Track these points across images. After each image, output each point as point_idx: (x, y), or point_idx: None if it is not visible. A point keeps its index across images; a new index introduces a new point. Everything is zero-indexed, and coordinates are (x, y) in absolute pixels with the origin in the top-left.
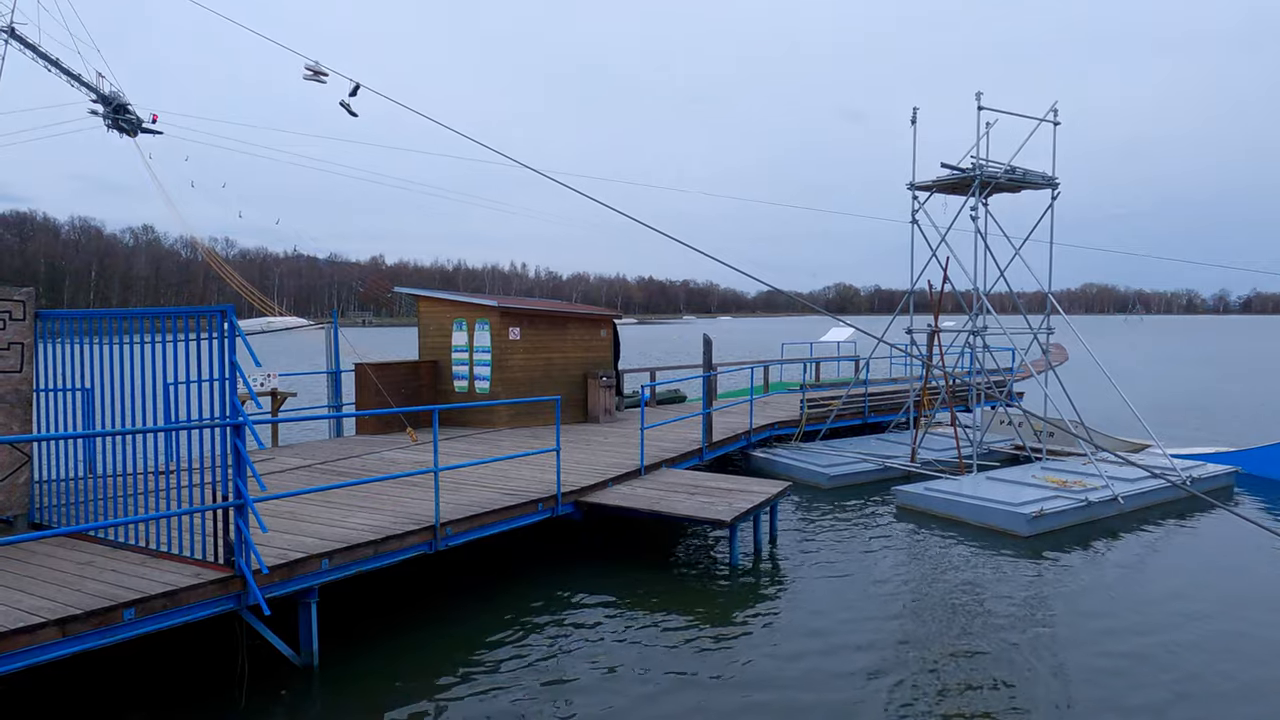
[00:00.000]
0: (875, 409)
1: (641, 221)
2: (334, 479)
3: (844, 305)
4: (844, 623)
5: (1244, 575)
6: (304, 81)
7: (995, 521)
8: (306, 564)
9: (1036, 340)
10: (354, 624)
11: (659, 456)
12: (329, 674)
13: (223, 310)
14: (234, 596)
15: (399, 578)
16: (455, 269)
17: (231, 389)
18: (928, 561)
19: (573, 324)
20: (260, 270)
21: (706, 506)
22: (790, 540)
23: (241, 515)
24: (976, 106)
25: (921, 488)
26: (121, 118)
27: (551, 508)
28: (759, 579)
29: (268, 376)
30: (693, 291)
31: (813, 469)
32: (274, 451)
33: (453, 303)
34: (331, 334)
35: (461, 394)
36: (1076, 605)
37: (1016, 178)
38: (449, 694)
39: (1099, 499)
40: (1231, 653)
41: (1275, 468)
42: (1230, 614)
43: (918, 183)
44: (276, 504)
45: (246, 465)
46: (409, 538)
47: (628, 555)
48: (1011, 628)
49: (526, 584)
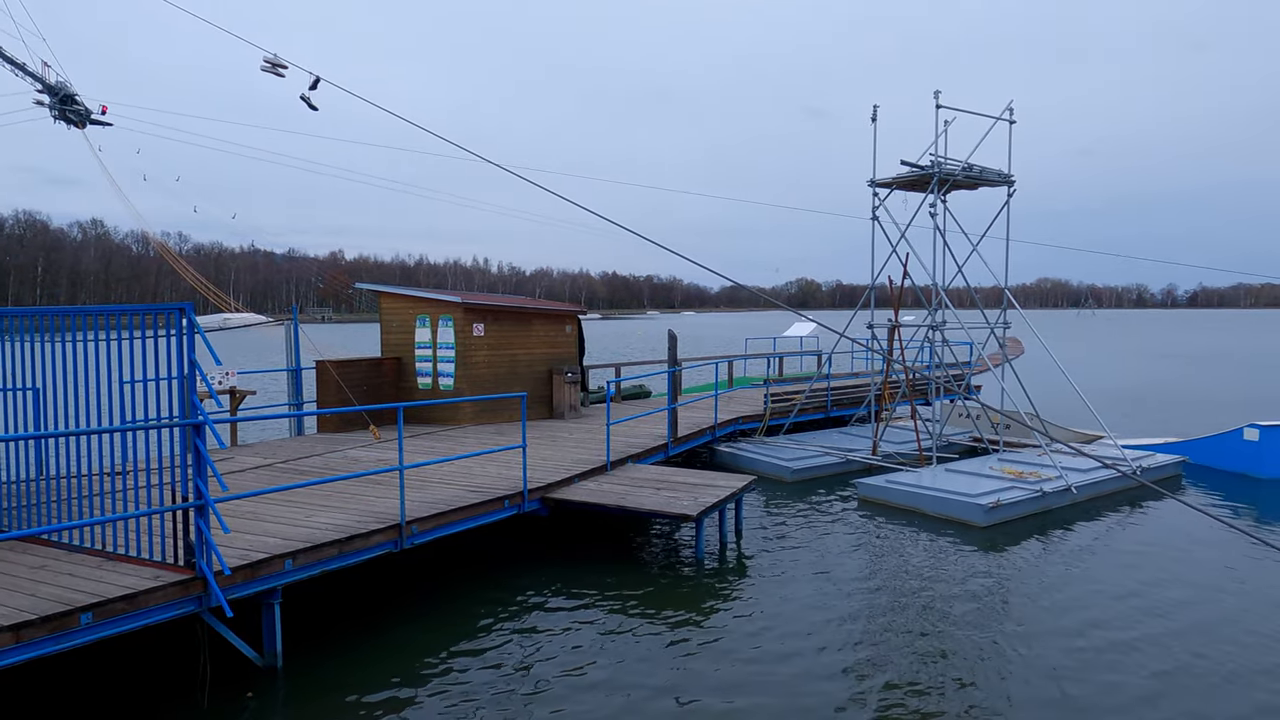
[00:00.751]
0: (838, 403)
1: (604, 216)
2: (296, 478)
3: (806, 300)
4: (808, 615)
5: (1189, 561)
6: (262, 74)
7: (954, 512)
8: (269, 564)
9: (993, 334)
10: (319, 624)
11: (625, 452)
12: (293, 675)
13: (181, 308)
14: (195, 598)
15: (365, 577)
16: (417, 264)
17: (191, 387)
18: (889, 552)
19: (537, 320)
20: (216, 265)
21: (673, 501)
22: (755, 533)
23: (202, 516)
24: (935, 105)
25: (883, 480)
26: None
27: (518, 504)
28: (725, 572)
29: (226, 374)
30: (657, 287)
31: (777, 463)
32: (234, 451)
33: (415, 299)
34: (291, 331)
35: (425, 391)
36: (1030, 592)
37: (974, 175)
38: (416, 694)
39: (1053, 489)
40: (1178, 635)
41: (1219, 457)
42: (1176, 598)
43: (878, 180)
44: (238, 504)
45: (207, 465)
46: (374, 536)
47: (594, 551)
48: (969, 615)
49: (493, 581)
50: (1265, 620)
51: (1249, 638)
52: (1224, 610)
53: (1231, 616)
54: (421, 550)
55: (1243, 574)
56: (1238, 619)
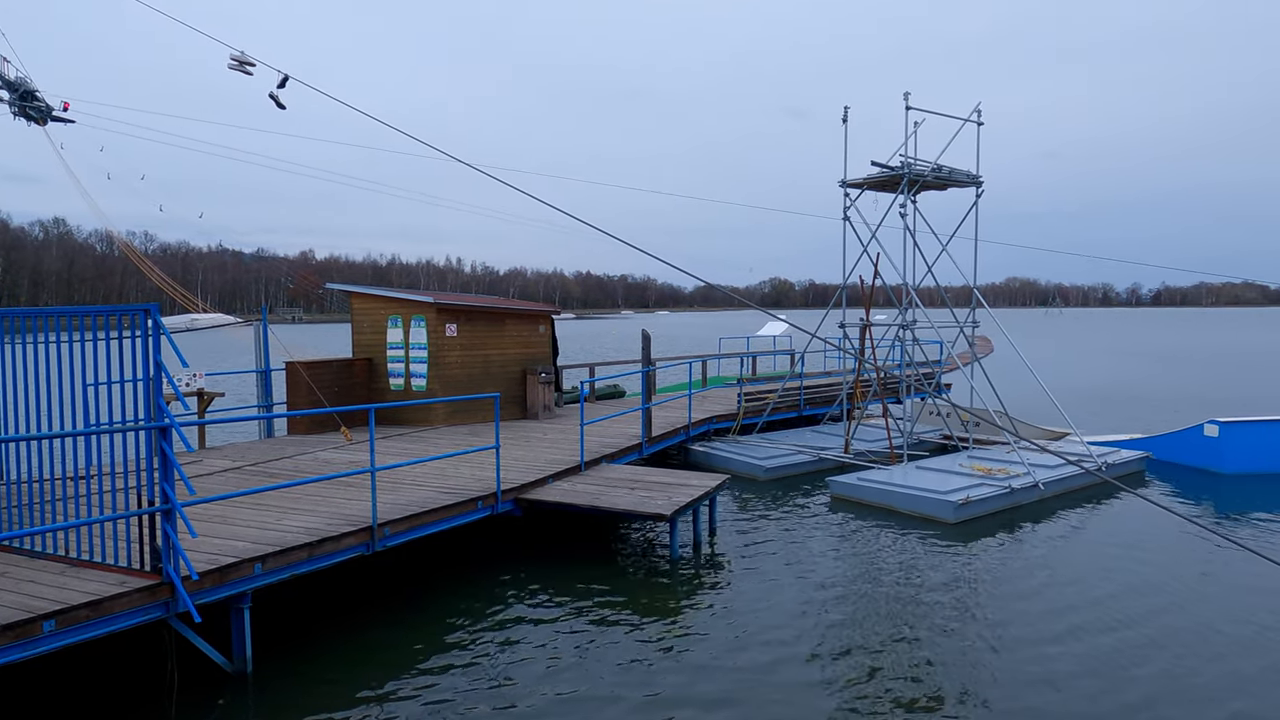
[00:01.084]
0: (810, 402)
1: (576, 217)
2: (266, 481)
3: (779, 299)
4: (783, 613)
5: (1151, 554)
6: (229, 71)
7: (924, 509)
8: (238, 569)
9: (963, 333)
10: (290, 629)
11: (599, 452)
12: (264, 681)
13: (146, 308)
14: (162, 604)
15: (336, 581)
16: (389, 264)
17: (156, 390)
18: (861, 549)
19: (511, 320)
20: (183, 265)
21: (647, 501)
22: (729, 532)
23: (169, 520)
24: (905, 106)
25: (855, 478)
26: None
27: (491, 505)
28: (699, 571)
29: (194, 376)
30: (631, 286)
31: (750, 462)
32: (202, 454)
33: (387, 299)
34: (260, 331)
35: (397, 392)
36: (998, 586)
37: (943, 176)
38: (389, 698)
39: (1021, 485)
40: (1136, 624)
41: (1181, 453)
42: (1138, 591)
43: (849, 180)
44: (206, 507)
45: (174, 468)
46: (346, 539)
47: (569, 551)
48: (941, 611)
49: (467, 583)
50: (1218, 608)
51: (1200, 625)
52: (1179, 600)
53: (1181, 604)
54: (394, 553)
55: (1200, 566)
56: (1191, 608)
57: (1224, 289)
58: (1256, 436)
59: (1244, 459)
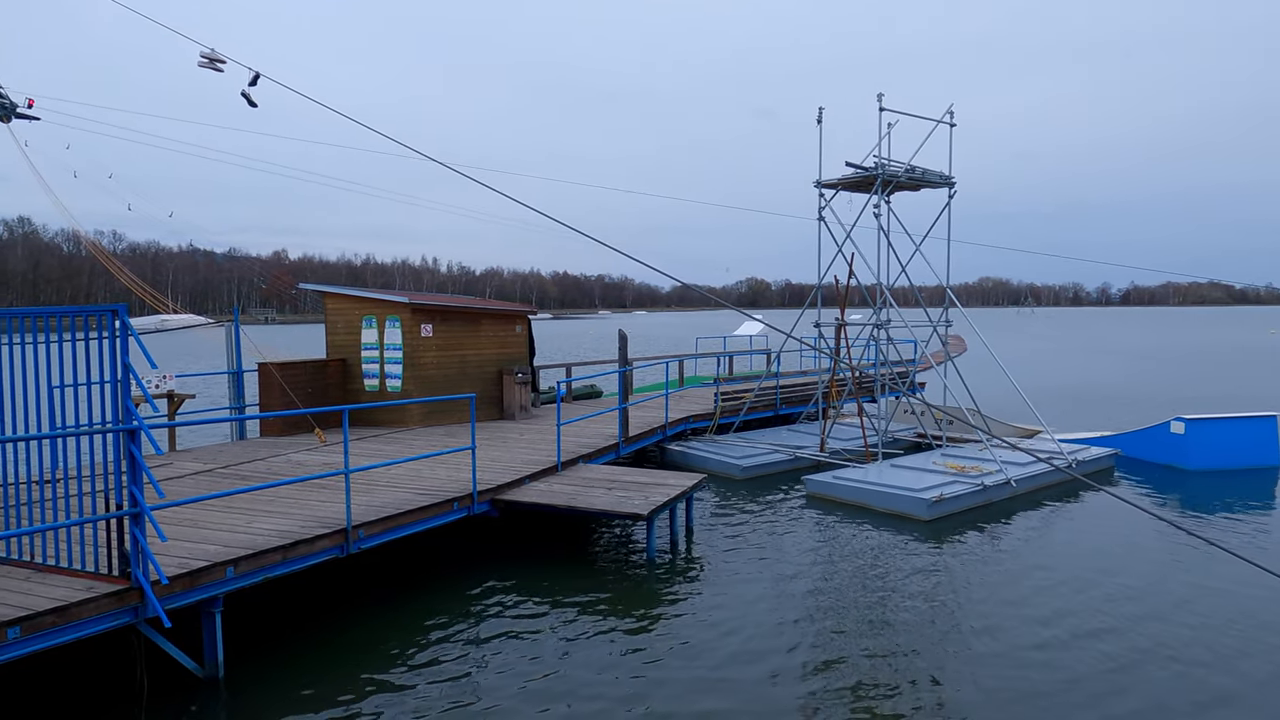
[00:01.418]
0: (786, 401)
1: (554, 218)
2: (238, 483)
3: (756, 299)
4: (761, 612)
5: (1119, 548)
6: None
7: (899, 507)
8: (210, 572)
9: (936, 332)
10: (263, 633)
11: (576, 452)
12: (236, 686)
13: (114, 309)
14: (131, 609)
15: (311, 584)
16: (364, 264)
17: (125, 391)
18: (838, 547)
19: (487, 320)
20: (153, 265)
21: (624, 501)
22: (706, 531)
23: (138, 524)
24: (878, 108)
25: (830, 476)
26: None
27: (468, 506)
28: (676, 571)
29: (164, 378)
30: (608, 286)
31: (727, 461)
32: (172, 456)
33: (362, 299)
34: (232, 332)
35: (372, 393)
36: (971, 582)
37: (916, 176)
38: (364, 702)
39: (994, 483)
40: (1108, 614)
41: (1149, 450)
42: (1107, 584)
43: (824, 180)
44: (177, 511)
45: (143, 471)
46: (319, 542)
47: (546, 552)
48: (917, 607)
49: (444, 585)
50: (1179, 600)
51: (1166, 615)
52: (1144, 593)
53: (1144, 593)
54: (369, 555)
55: (1164, 560)
56: (1153, 599)
57: (1190, 289)
58: (1221, 434)
59: (1208, 456)
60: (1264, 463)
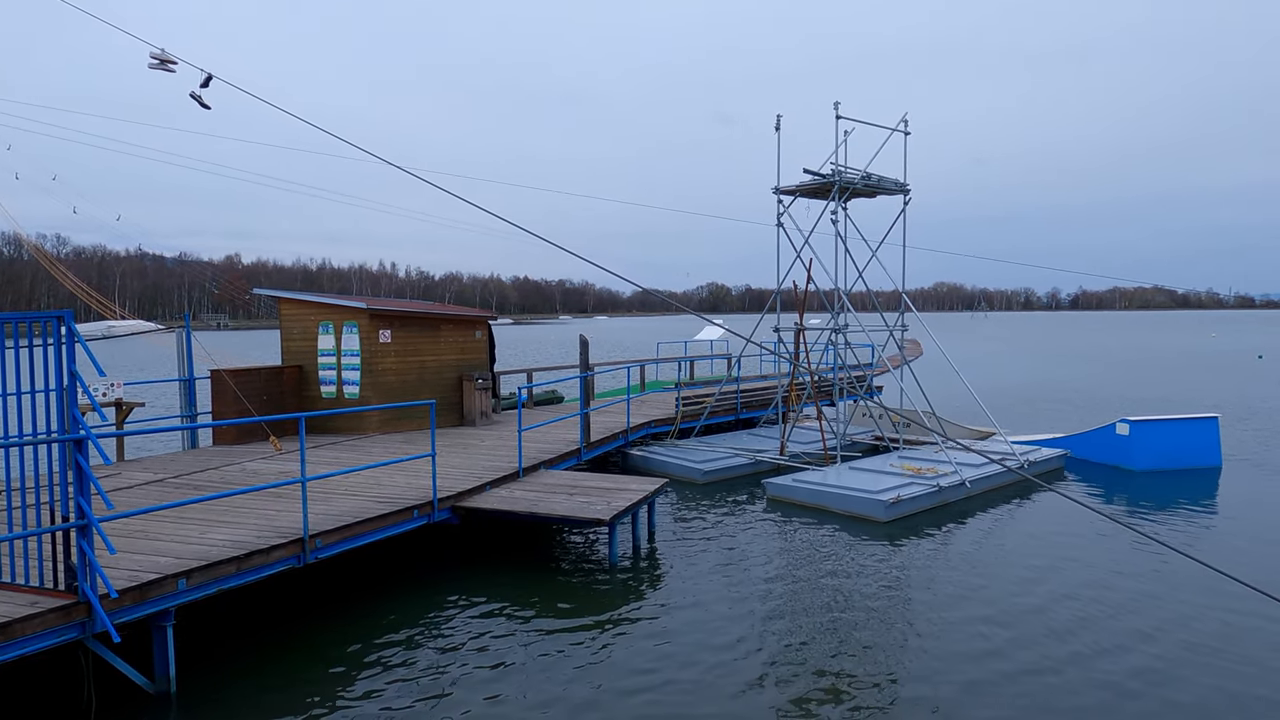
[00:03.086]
0: (747, 405)
1: (515, 223)
2: (190, 493)
3: (717, 304)
4: (722, 614)
5: (1067, 547)
6: (150, 70)
7: (857, 508)
8: (161, 585)
9: (892, 337)
10: (217, 646)
11: (538, 458)
12: (188, 701)
13: (59, 315)
14: (78, 624)
15: (267, 595)
16: (319, 269)
17: (71, 400)
18: (798, 549)
19: (446, 325)
20: (99, 270)
21: (586, 506)
22: (668, 536)
23: (85, 536)
24: (835, 115)
25: (790, 479)
26: None
27: (428, 514)
28: (638, 575)
29: (112, 385)
30: (568, 291)
31: (688, 465)
32: (121, 466)
33: (318, 304)
34: (183, 338)
35: (329, 400)
36: (928, 581)
37: (872, 183)
38: (322, 714)
39: (949, 484)
40: (1058, 609)
41: (1096, 450)
42: (1057, 579)
43: (782, 187)
44: (126, 522)
45: (90, 482)
46: (275, 552)
47: (508, 559)
48: (875, 607)
49: (404, 594)
50: (1131, 595)
51: (1112, 606)
52: (1096, 585)
53: (1092, 588)
54: (327, 565)
55: (1114, 557)
56: (1103, 592)
57: (1136, 293)
58: (1164, 435)
59: (1152, 456)
60: (1205, 463)
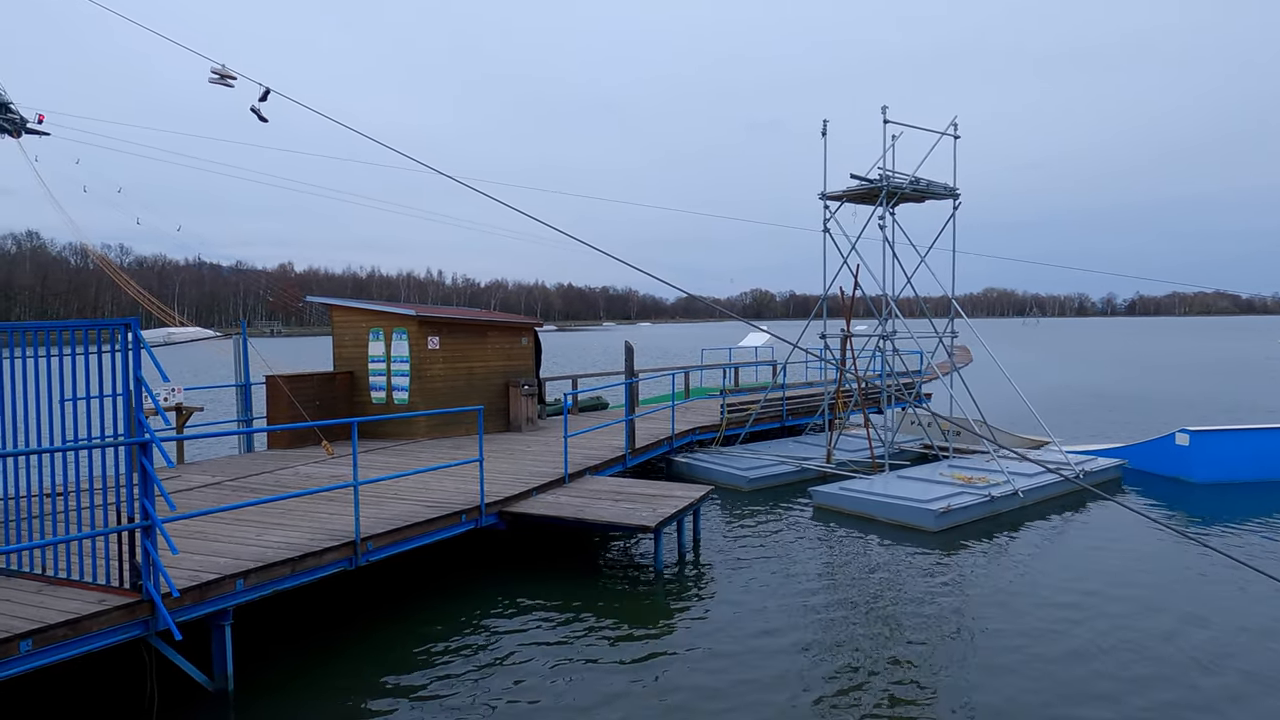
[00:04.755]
0: (792, 412)
1: (561, 229)
2: (247, 496)
3: (760, 310)
4: (768, 622)
5: (1128, 559)
6: (211, 85)
7: (906, 518)
8: (220, 585)
9: (942, 343)
10: (272, 645)
11: (583, 464)
12: (245, 699)
13: (127, 323)
14: (142, 622)
15: (319, 596)
16: (369, 276)
17: (137, 404)
18: (845, 559)
19: (493, 332)
20: (160, 278)
21: (631, 513)
22: (713, 543)
23: (149, 536)
24: (883, 120)
25: (837, 488)
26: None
27: (475, 519)
28: (684, 583)
29: (173, 391)
30: (612, 298)
31: (733, 472)
32: (181, 469)
33: (368, 312)
34: (240, 345)
35: (379, 405)
36: (981, 593)
37: (920, 188)
38: (371, 714)
39: (1001, 494)
40: (1120, 627)
41: (1154, 462)
42: (1118, 596)
43: (829, 193)
44: (186, 524)
45: (154, 484)
46: (328, 554)
47: (554, 564)
48: (928, 621)
49: (452, 597)
50: (1194, 609)
51: (1179, 625)
52: (1158, 601)
53: (1154, 603)
54: (377, 567)
55: (1178, 569)
56: (1166, 607)
57: (1196, 298)
58: (1226, 446)
59: (1214, 468)
60: (1272, 476)
